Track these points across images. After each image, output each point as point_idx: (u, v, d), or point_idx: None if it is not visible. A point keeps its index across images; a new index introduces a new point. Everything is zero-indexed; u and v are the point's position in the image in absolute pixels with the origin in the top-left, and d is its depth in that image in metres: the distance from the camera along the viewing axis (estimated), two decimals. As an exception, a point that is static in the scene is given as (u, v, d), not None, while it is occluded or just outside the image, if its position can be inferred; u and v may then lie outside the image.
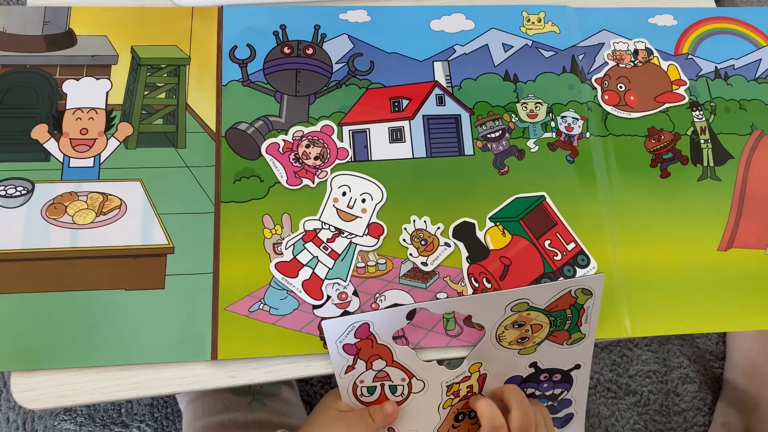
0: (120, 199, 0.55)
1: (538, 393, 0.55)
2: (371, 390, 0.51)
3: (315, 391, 0.94)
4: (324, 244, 0.55)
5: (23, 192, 0.54)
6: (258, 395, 0.73)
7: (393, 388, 0.51)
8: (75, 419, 0.89)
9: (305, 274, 0.54)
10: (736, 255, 0.58)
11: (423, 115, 0.59)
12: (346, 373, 0.50)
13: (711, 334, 1.02)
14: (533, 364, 0.53)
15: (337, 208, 0.56)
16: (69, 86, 0.58)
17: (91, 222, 0.54)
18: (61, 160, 0.55)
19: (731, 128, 0.62)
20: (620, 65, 0.63)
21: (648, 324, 0.55)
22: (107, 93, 0.58)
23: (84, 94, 0.57)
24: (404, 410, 0.52)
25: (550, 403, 0.56)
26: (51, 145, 0.56)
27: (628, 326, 0.55)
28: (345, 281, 0.54)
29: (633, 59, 0.64)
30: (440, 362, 0.51)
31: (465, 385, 0.52)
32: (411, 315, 0.50)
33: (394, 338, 0.51)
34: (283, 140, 0.57)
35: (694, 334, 0.99)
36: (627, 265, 0.56)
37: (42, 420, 0.89)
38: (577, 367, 0.54)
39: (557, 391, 0.55)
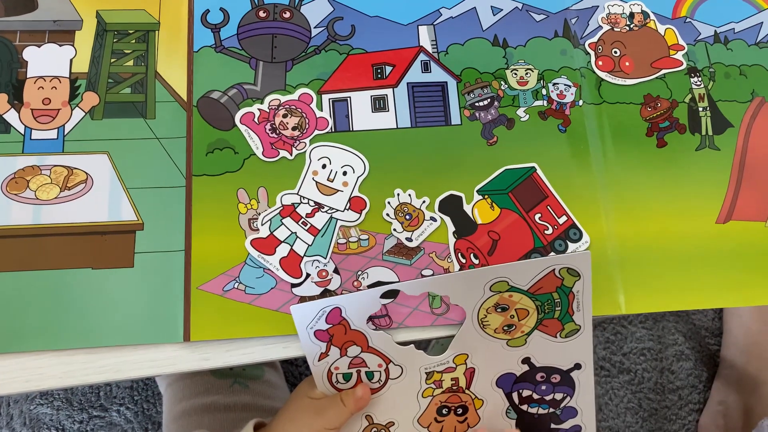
0: (86, 172, 0.52)
1: (536, 396, 0.52)
2: (347, 377, 0.49)
3: (301, 371, 0.92)
4: (303, 220, 0.52)
5: (-18, 166, 0.51)
6: (240, 378, 0.71)
7: (370, 375, 0.49)
8: (52, 403, 0.86)
9: (283, 251, 0.51)
10: (735, 227, 0.56)
11: (407, 83, 0.56)
12: (319, 360, 0.47)
13: (707, 311, 1.00)
14: (526, 360, 0.51)
15: (316, 182, 0.53)
16: (30, 53, 0.54)
17: (55, 197, 0.51)
18: (23, 132, 0.52)
19: (731, 95, 0.59)
20: (615, 29, 0.60)
21: (643, 300, 0.53)
22: (71, 60, 0.55)
23: (46, 62, 0.54)
24: (382, 397, 0.50)
25: (551, 410, 0.53)
26: (11, 116, 0.53)
27: (623, 303, 0.52)
28: (325, 258, 0.51)
29: (628, 23, 0.61)
30: (418, 346, 0.49)
31: (449, 376, 0.50)
32: (390, 294, 0.47)
33: (378, 317, 0.49)
34: (259, 109, 0.54)
35: (690, 310, 0.97)
36: (621, 239, 0.54)
37: (18, 404, 0.86)
38: (578, 367, 0.52)
39: (558, 396, 0.52)
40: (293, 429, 0.48)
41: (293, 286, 0.50)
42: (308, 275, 0.51)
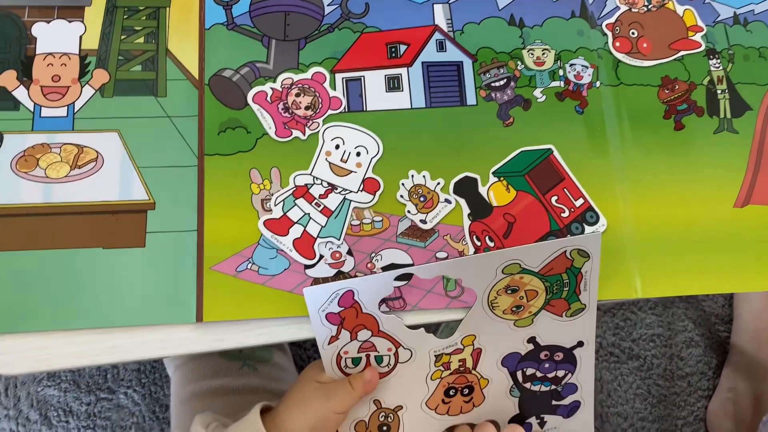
0: (96, 151, 0.51)
1: (539, 374, 0.52)
2: (356, 361, 0.48)
3: (309, 355, 0.92)
4: (316, 201, 0.51)
5: (-9, 143, 0.50)
6: (249, 360, 0.70)
7: (379, 359, 0.49)
8: (59, 385, 0.86)
9: (296, 232, 0.50)
10: (753, 212, 0.55)
11: (422, 62, 0.55)
12: (329, 343, 0.47)
13: (717, 297, 1.00)
14: (532, 339, 0.50)
15: (329, 162, 0.52)
16: (39, 29, 0.53)
17: (66, 176, 0.50)
18: (32, 110, 0.52)
19: (750, 78, 0.58)
20: (633, 10, 0.59)
21: (659, 284, 0.52)
22: (81, 37, 0.54)
23: (55, 38, 0.53)
24: (390, 381, 0.49)
25: (553, 387, 0.53)
26: (20, 93, 0.52)
27: (639, 287, 0.52)
28: (339, 240, 0.50)
29: (647, 3, 0.60)
30: (428, 329, 0.49)
31: (457, 358, 0.50)
32: (404, 277, 0.47)
33: (392, 299, 0.48)
34: (271, 88, 0.53)
35: (700, 296, 0.97)
36: (638, 222, 0.53)
37: (25, 386, 0.86)
38: (580, 344, 0.51)
39: (560, 374, 0.52)
40: (300, 413, 0.47)
41: (306, 267, 0.50)
42: (322, 257, 0.50)
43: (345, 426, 0.50)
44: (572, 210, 0.53)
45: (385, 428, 0.51)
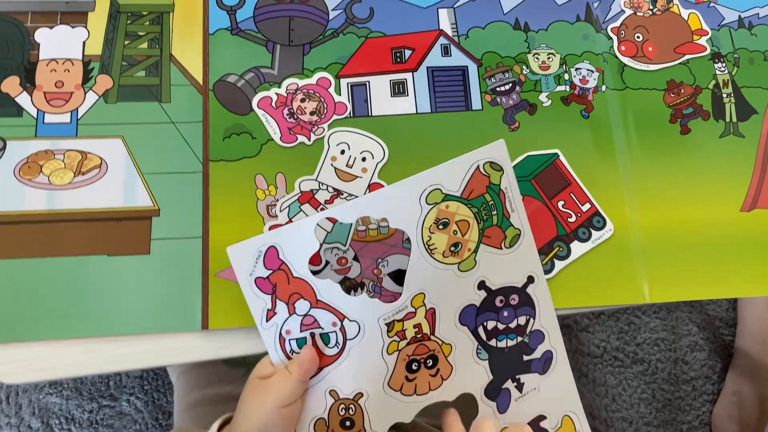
0: (100, 157, 0.51)
1: (501, 327, 0.49)
2: (301, 343, 0.45)
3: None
4: (322, 206, 0.51)
5: (-6, 150, 0.50)
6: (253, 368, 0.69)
7: (326, 338, 0.45)
8: (61, 393, 0.85)
9: (302, 237, 0.50)
10: (760, 216, 0.55)
11: (427, 67, 0.55)
12: (267, 320, 0.45)
13: (721, 301, 1.00)
14: (482, 285, 0.48)
15: (335, 168, 0.52)
16: (42, 35, 0.53)
17: (69, 182, 0.50)
18: (35, 116, 0.51)
19: (755, 81, 0.58)
20: (638, 13, 0.59)
21: (667, 289, 0.52)
22: (84, 42, 0.53)
23: (58, 44, 0.53)
24: (342, 366, 0.46)
25: (519, 338, 0.49)
26: (23, 99, 0.51)
27: (647, 292, 0.52)
28: (345, 245, 0.50)
29: (651, 7, 0.60)
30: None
31: (411, 323, 0.47)
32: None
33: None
34: (276, 94, 0.53)
35: (704, 300, 0.97)
36: (645, 227, 0.53)
37: (26, 393, 0.85)
38: (531, 280, 0.49)
39: (522, 320, 0.49)
40: (243, 416, 0.44)
41: (313, 273, 0.49)
42: (327, 262, 0.50)
43: (303, 427, 0.45)
44: (579, 215, 0.53)
45: (348, 423, 0.46)
